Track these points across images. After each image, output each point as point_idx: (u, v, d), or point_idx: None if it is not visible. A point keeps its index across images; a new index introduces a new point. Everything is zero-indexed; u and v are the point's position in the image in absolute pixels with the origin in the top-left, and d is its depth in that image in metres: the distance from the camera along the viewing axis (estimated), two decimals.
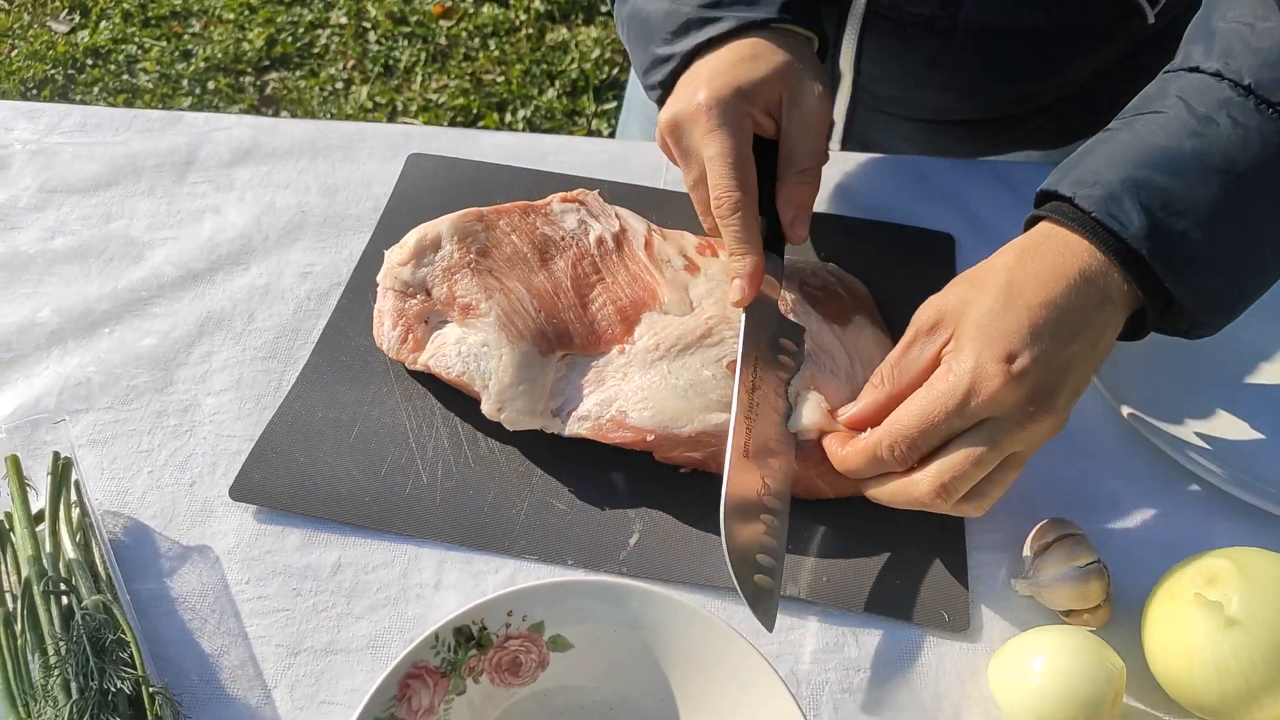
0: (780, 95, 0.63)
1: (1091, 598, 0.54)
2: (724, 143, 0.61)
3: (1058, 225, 0.55)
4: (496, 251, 0.64)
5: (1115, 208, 0.53)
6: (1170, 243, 0.52)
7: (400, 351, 0.63)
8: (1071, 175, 0.56)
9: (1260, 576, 0.49)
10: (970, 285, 0.55)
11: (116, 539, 0.58)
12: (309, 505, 0.59)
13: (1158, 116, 0.55)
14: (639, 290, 0.64)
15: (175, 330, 0.68)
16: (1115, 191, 0.53)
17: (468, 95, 2.17)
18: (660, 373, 0.60)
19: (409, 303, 0.63)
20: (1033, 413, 0.52)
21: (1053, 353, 0.52)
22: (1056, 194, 0.56)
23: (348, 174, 0.78)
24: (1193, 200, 0.52)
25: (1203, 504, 0.62)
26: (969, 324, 0.53)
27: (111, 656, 0.49)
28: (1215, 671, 0.48)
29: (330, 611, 0.56)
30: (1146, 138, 0.54)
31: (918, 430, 0.52)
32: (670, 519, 0.59)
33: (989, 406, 0.51)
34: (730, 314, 0.62)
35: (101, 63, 2.23)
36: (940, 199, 0.79)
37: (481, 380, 0.60)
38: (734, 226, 0.62)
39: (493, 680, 0.49)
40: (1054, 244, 0.55)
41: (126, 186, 0.76)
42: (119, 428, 0.63)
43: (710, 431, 0.58)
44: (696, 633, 0.49)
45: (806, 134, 0.64)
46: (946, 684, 0.54)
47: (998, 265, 0.55)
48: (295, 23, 2.32)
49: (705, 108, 0.62)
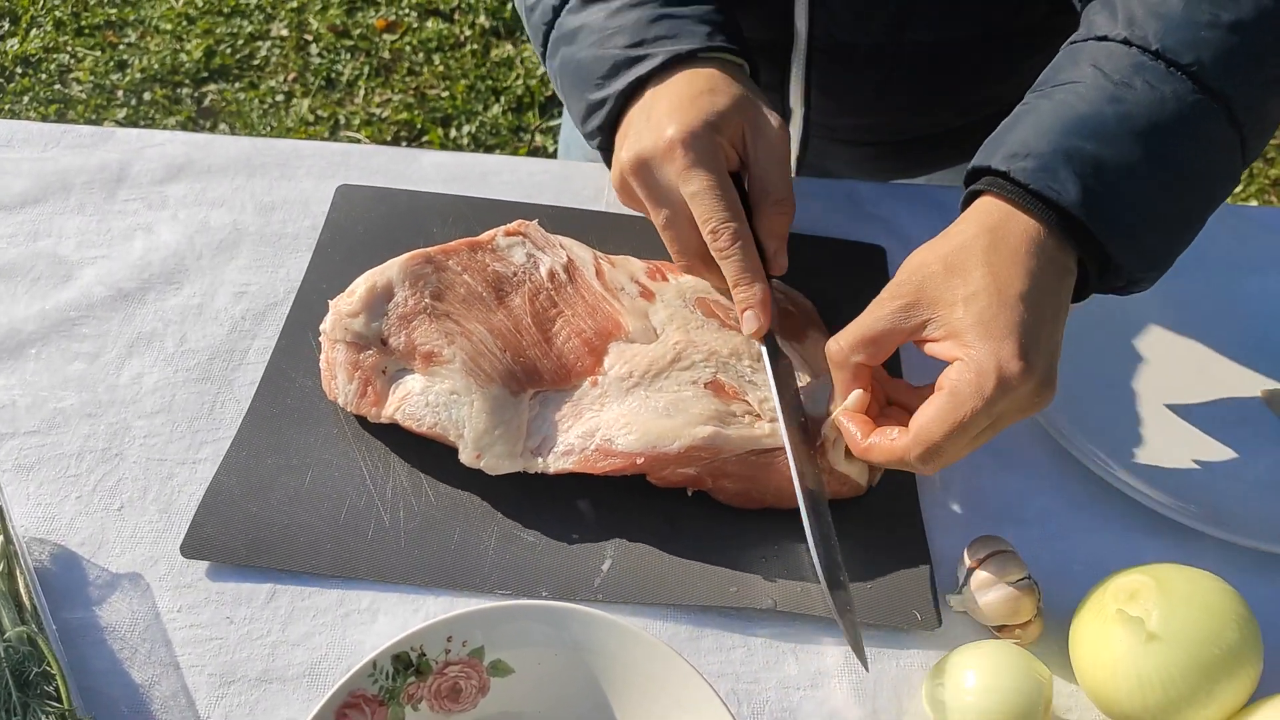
0: (742, 128, 0.63)
1: (1023, 614, 0.56)
2: (707, 177, 0.61)
3: (999, 199, 0.56)
4: (450, 293, 0.62)
5: (1050, 178, 0.54)
6: (1106, 207, 0.54)
7: (360, 406, 0.61)
8: (1001, 150, 0.57)
9: (1179, 592, 0.51)
10: (948, 269, 0.55)
11: (43, 567, 0.56)
12: (267, 558, 0.57)
13: (1075, 86, 0.57)
14: (601, 320, 0.63)
15: (104, 351, 0.66)
16: (1048, 162, 0.55)
17: (411, 110, 2.16)
18: (639, 398, 0.60)
19: (364, 354, 0.61)
20: (1037, 398, 0.54)
21: (1048, 338, 0.54)
22: (989, 169, 0.57)
23: (285, 192, 0.77)
24: (1121, 163, 0.54)
25: (1129, 521, 0.63)
26: (970, 318, 0.53)
27: (36, 690, 0.48)
28: (1138, 684, 0.50)
29: (265, 639, 0.55)
30: (1068, 107, 0.56)
31: (944, 439, 0.53)
32: (640, 544, 0.59)
33: (1010, 403, 0.53)
34: (695, 337, 0.63)
35: (32, 72, 2.17)
36: (870, 218, 0.81)
37: (455, 429, 0.59)
38: (736, 257, 0.61)
39: (432, 707, 0.49)
40: (1013, 223, 0.55)
41: (55, 204, 0.74)
42: (45, 452, 0.61)
43: (699, 445, 0.58)
44: (638, 655, 0.49)
45: (775, 164, 0.64)
46: (884, 701, 0.55)
47: (972, 249, 0.55)
48: (235, 34, 2.29)
49: (679, 143, 0.61)
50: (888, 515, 0.62)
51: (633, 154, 0.63)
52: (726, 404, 0.60)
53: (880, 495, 0.63)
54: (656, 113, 0.63)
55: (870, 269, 0.76)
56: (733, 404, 0.60)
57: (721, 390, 0.61)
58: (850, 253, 0.77)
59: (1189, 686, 0.49)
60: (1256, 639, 0.51)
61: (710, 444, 0.58)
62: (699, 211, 0.62)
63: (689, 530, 0.60)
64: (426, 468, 0.61)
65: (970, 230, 0.56)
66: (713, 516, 0.61)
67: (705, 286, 0.68)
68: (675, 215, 0.63)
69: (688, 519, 0.61)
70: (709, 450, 0.58)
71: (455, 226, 0.75)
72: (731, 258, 0.62)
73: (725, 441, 0.59)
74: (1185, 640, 0.49)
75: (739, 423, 0.60)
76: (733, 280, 0.62)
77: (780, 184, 0.64)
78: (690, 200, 0.62)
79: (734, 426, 0.59)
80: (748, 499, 0.61)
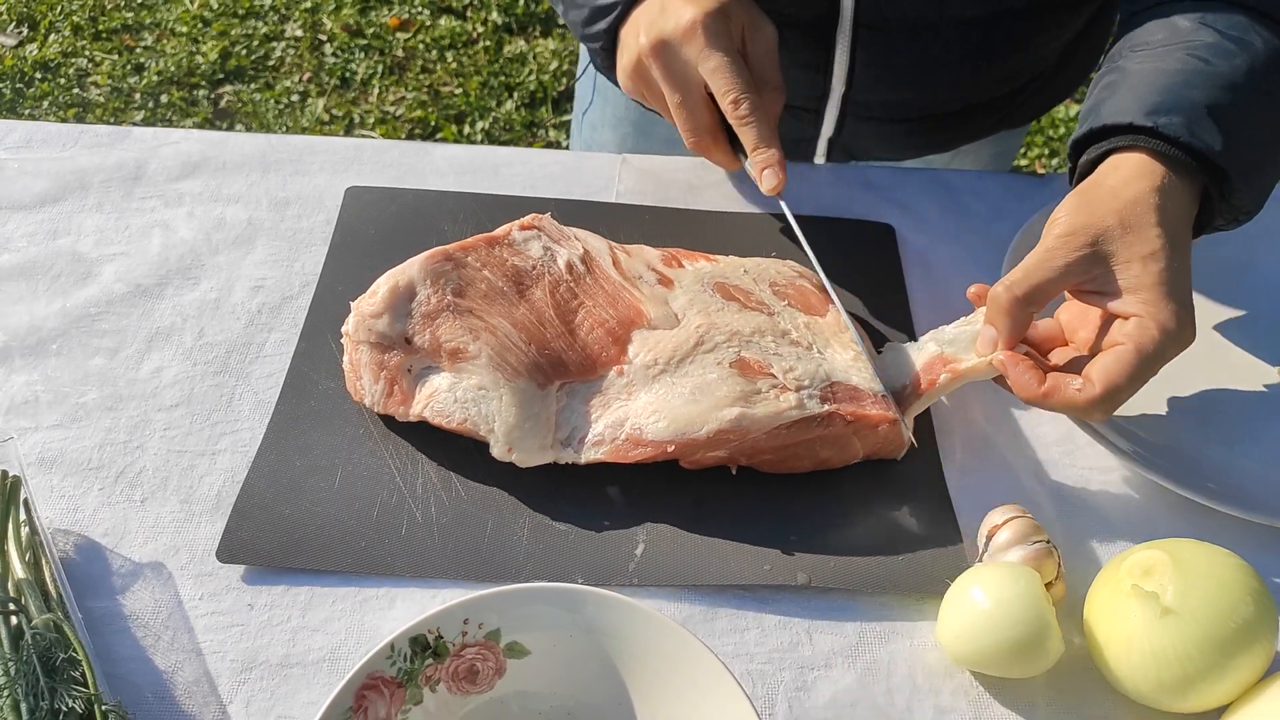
0: (744, 23, 0.69)
1: (1043, 575, 0.56)
2: (725, 52, 0.66)
3: (1146, 156, 0.59)
4: (472, 290, 0.62)
5: (1201, 130, 0.57)
6: (1242, 154, 0.58)
7: (387, 405, 0.61)
8: (1137, 106, 0.59)
9: (1194, 568, 0.50)
10: (1124, 227, 0.57)
11: (67, 557, 0.57)
12: (303, 559, 0.57)
13: (1192, 44, 0.61)
14: (622, 309, 0.63)
15: (124, 346, 0.67)
16: (1194, 116, 0.58)
17: (425, 107, 2.17)
18: (665, 385, 0.60)
19: (389, 354, 0.61)
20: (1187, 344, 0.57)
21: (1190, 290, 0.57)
22: (1130, 126, 0.59)
23: (299, 188, 0.78)
24: (1249, 113, 0.59)
25: (1144, 497, 0.63)
26: (1150, 277, 0.56)
27: (63, 676, 0.49)
28: (1153, 660, 0.50)
29: (285, 625, 0.55)
30: (1195, 62, 0.60)
31: (1128, 388, 0.56)
32: (672, 526, 0.60)
33: (1179, 353, 0.56)
34: (717, 320, 0.63)
35: (51, 76, 2.20)
36: (883, 202, 0.81)
37: (485, 424, 0.59)
38: (754, 122, 0.67)
39: (450, 689, 0.50)
40: (1171, 182, 0.58)
41: (74, 202, 0.76)
42: (68, 445, 0.62)
43: (726, 429, 0.59)
44: (652, 636, 0.49)
45: (769, 56, 0.70)
46: (899, 680, 0.55)
47: (1147, 206, 0.57)
48: (250, 35, 2.30)
49: (699, 23, 0.66)
50: (915, 486, 0.63)
51: (653, 36, 0.67)
52: (752, 381, 0.60)
53: (906, 467, 0.63)
54: (672, 3, 0.67)
55: (879, 247, 0.77)
56: (758, 380, 0.60)
57: (747, 367, 0.61)
58: (860, 231, 0.78)
59: (1204, 662, 0.49)
60: (1272, 614, 0.50)
61: (737, 425, 0.59)
62: (719, 84, 0.67)
63: (719, 511, 0.61)
64: (454, 463, 0.62)
65: (1141, 186, 0.58)
66: (741, 496, 0.62)
67: (722, 271, 0.68)
68: (691, 93, 0.68)
69: (717, 500, 0.61)
70: (737, 432, 0.59)
71: (466, 223, 0.75)
72: (750, 124, 0.67)
73: (752, 422, 0.59)
74: (1200, 616, 0.49)
75: (765, 399, 0.60)
76: (752, 144, 0.68)
77: (774, 73, 0.71)
78: (710, 75, 0.67)
79: (760, 404, 0.59)
80: (788, 468, 0.62)
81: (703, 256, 0.70)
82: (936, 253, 0.77)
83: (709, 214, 0.78)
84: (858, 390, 0.61)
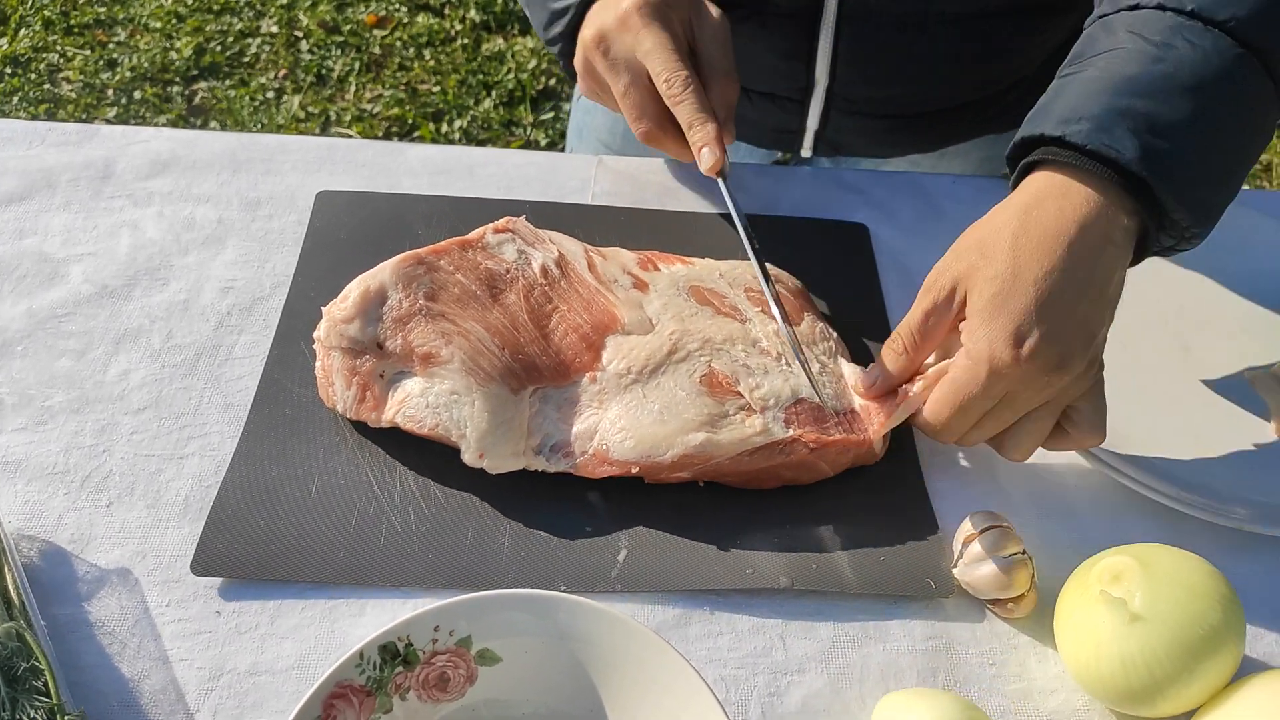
0: (688, 13, 0.69)
1: (1016, 587, 0.56)
2: (660, 35, 0.66)
3: (1052, 171, 0.57)
4: (444, 293, 0.61)
5: (1107, 137, 0.55)
6: (1163, 162, 0.55)
7: (360, 411, 0.61)
8: (1051, 117, 0.57)
9: (1162, 574, 0.51)
10: (980, 253, 0.57)
11: (31, 563, 0.56)
12: (280, 571, 0.56)
13: (1116, 52, 0.58)
14: (597, 313, 0.63)
15: (91, 348, 0.66)
16: (1103, 122, 0.55)
17: (403, 105, 2.15)
18: (636, 397, 0.60)
19: (361, 360, 0.60)
20: (1049, 380, 0.55)
21: (1060, 321, 0.54)
22: (1042, 138, 0.58)
23: (270, 187, 0.77)
24: (1171, 119, 0.55)
25: (1114, 502, 0.64)
26: (981, 302, 0.55)
27: (24, 685, 0.48)
28: (1121, 665, 0.50)
29: (254, 632, 0.55)
30: (1113, 70, 0.57)
31: (951, 416, 0.57)
32: (654, 530, 0.60)
33: (1006, 385, 0.55)
34: (690, 326, 0.63)
35: (21, 71, 2.17)
36: (859, 203, 0.81)
37: (458, 430, 0.59)
38: (688, 101, 0.66)
39: (420, 697, 0.49)
40: (1051, 198, 0.56)
41: (41, 201, 0.74)
42: (33, 449, 0.61)
43: (691, 454, 0.59)
44: (624, 642, 0.49)
45: (719, 44, 0.70)
46: (870, 685, 0.55)
47: (1003, 232, 0.56)
48: (225, 31, 2.28)
49: (634, 10, 0.66)
50: (895, 488, 0.63)
51: (593, 29, 0.68)
52: (720, 402, 0.61)
53: (886, 469, 0.64)
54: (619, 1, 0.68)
55: (853, 247, 0.77)
56: (726, 401, 0.61)
57: (716, 384, 0.61)
58: (833, 231, 0.78)
59: (1173, 666, 0.49)
60: (1239, 619, 0.51)
61: (701, 451, 0.59)
62: (653, 66, 0.67)
63: (700, 516, 0.60)
64: (432, 470, 0.61)
65: (1009, 210, 0.57)
66: (722, 502, 0.61)
67: (698, 274, 0.68)
68: (634, 80, 0.68)
69: (698, 506, 0.61)
70: (700, 457, 0.59)
71: (439, 226, 0.75)
72: (684, 101, 0.66)
73: (716, 448, 0.59)
74: (1168, 621, 0.49)
75: (730, 423, 0.60)
76: (687, 122, 0.67)
77: (725, 60, 0.70)
78: (645, 59, 0.67)
79: (725, 429, 0.60)
80: (755, 486, 0.62)
81: (679, 259, 0.69)
82: (911, 255, 0.77)
83: (686, 215, 0.78)
84: (821, 412, 0.61)
